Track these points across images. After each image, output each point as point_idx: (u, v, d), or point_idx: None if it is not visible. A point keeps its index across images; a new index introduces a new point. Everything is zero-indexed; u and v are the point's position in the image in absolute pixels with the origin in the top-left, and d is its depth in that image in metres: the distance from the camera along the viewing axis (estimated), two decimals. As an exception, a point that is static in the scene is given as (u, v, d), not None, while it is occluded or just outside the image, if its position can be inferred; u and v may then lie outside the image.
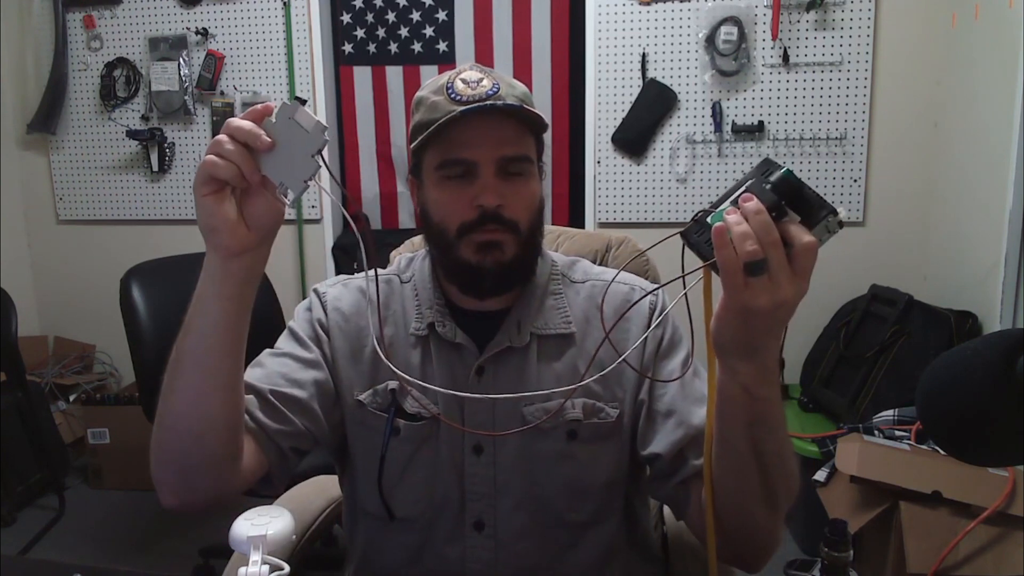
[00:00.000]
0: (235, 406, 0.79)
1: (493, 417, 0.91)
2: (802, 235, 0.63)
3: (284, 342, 0.96)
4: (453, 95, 0.87)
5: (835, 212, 0.65)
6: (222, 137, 0.69)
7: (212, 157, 0.68)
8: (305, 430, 0.89)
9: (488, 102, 0.86)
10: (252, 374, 0.89)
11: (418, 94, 0.94)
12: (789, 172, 0.66)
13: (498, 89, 0.88)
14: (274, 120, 0.69)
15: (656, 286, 0.98)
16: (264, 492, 0.97)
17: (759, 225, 0.63)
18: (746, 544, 0.81)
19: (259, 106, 0.70)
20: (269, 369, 0.91)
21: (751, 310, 0.64)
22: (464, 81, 0.89)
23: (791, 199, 0.66)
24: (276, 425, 0.86)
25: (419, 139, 0.88)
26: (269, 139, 0.69)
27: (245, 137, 0.69)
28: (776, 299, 0.64)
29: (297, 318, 0.98)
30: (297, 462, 0.91)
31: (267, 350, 0.95)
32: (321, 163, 0.70)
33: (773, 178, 0.67)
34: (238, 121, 0.69)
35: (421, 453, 0.92)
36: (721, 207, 0.67)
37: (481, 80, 0.89)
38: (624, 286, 0.98)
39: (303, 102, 0.67)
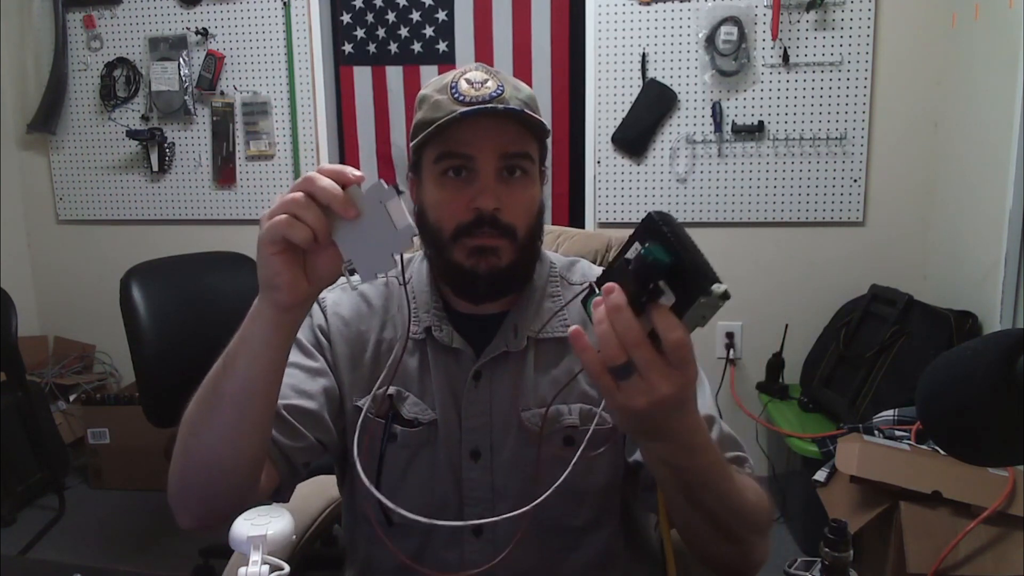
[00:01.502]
0: (265, 441, 0.80)
1: (491, 422, 0.90)
2: (669, 330, 0.57)
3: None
4: (456, 95, 0.86)
5: (708, 292, 0.56)
6: (300, 196, 0.65)
7: (287, 218, 0.64)
8: (316, 443, 0.89)
9: (490, 104, 0.84)
10: None
11: (422, 92, 0.93)
12: (651, 251, 0.59)
13: (502, 91, 0.86)
14: (363, 192, 0.65)
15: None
16: (271, 502, 0.98)
17: (620, 325, 0.58)
18: (724, 567, 0.82)
19: (350, 172, 0.66)
20: None
21: (630, 411, 0.60)
22: (468, 81, 0.88)
23: (663, 278, 0.59)
24: (290, 442, 0.86)
25: (420, 137, 0.88)
26: (356, 212, 0.65)
27: (330, 201, 0.64)
28: (653, 399, 0.59)
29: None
30: (306, 474, 0.91)
31: None
32: (397, 262, 0.66)
33: (641, 255, 0.60)
34: (325, 181, 0.65)
35: (419, 458, 0.91)
36: (607, 279, 0.62)
37: (486, 81, 0.88)
38: None
39: (400, 192, 0.63)
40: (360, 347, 0.94)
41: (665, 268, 0.59)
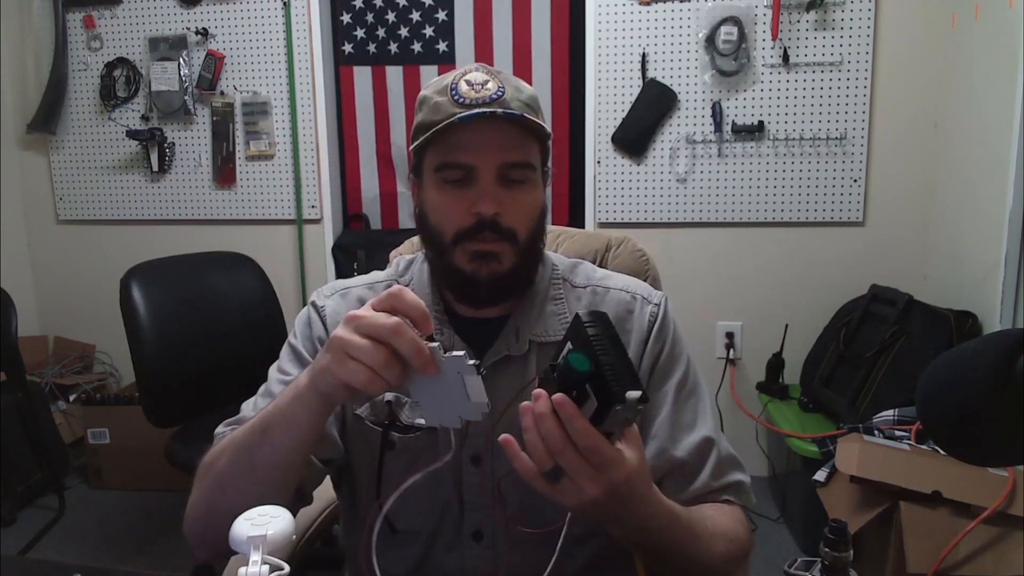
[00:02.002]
0: (291, 498, 0.82)
1: (492, 427, 0.90)
2: (580, 438, 0.61)
3: (290, 364, 0.94)
4: (456, 97, 0.85)
5: (623, 400, 0.58)
6: (385, 356, 0.65)
7: (370, 375, 0.65)
8: (322, 467, 0.90)
9: (489, 108, 0.83)
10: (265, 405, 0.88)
11: (422, 93, 0.92)
12: (572, 359, 0.61)
13: (503, 93, 0.85)
14: (444, 358, 0.65)
15: (660, 294, 0.97)
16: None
17: (546, 433, 0.61)
18: None
19: (433, 345, 0.66)
20: None
21: (570, 508, 0.65)
22: (469, 83, 0.87)
23: (586, 384, 0.61)
24: (304, 472, 0.86)
25: (419, 140, 0.87)
26: (435, 369, 0.66)
27: (412, 358, 0.65)
28: (584, 499, 0.63)
29: (298, 335, 0.96)
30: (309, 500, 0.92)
31: (276, 374, 0.93)
32: (462, 425, 0.69)
33: (561, 363, 0.63)
34: (411, 337, 0.65)
35: (418, 464, 0.89)
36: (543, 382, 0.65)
37: (486, 83, 0.86)
38: (626, 294, 0.95)
39: (480, 371, 0.64)
40: None
41: (585, 376, 0.61)
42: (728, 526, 0.86)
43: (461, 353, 0.65)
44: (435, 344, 0.65)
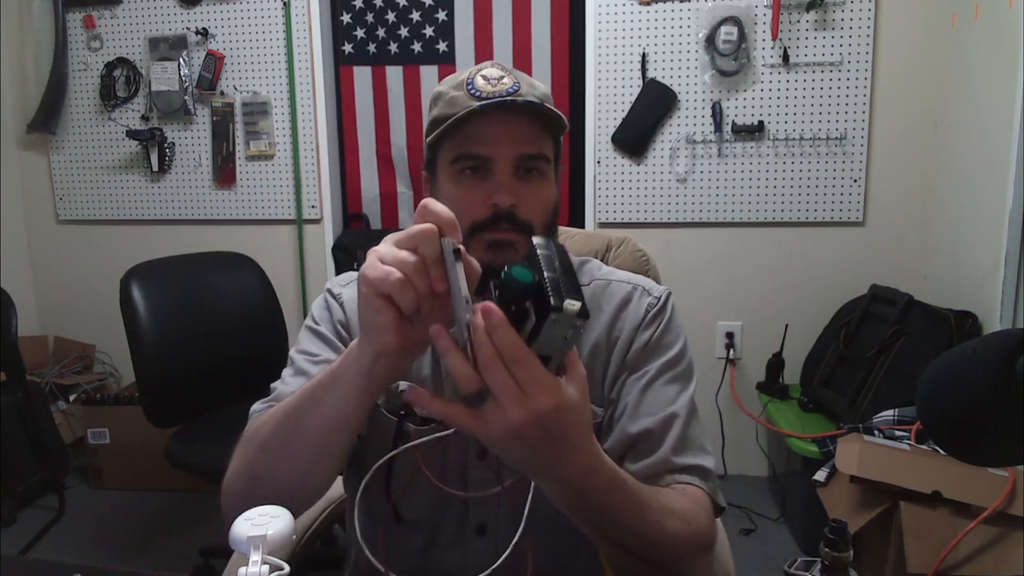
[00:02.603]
0: (338, 471, 0.80)
1: None
2: (512, 348, 0.55)
3: (315, 345, 0.93)
4: (473, 91, 0.87)
5: (559, 309, 0.53)
6: (417, 261, 0.61)
7: (402, 279, 0.60)
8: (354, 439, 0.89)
9: (509, 98, 0.85)
10: (298, 383, 0.86)
11: (437, 88, 0.93)
12: (513, 271, 0.57)
13: (519, 88, 0.88)
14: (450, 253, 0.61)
15: (663, 288, 0.97)
16: None
17: (478, 346, 0.55)
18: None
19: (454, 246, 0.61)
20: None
21: (490, 440, 0.58)
22: (485, 77, 0.88)
23: (527, 300, 0.56)
24: None
25: (435, 133, 0.87)
26: (445, 286, 0.61)
27: (436, 271, 0.61)
28: (507, 426, 0.56)
29: (318, 319, 0.96)
30: None
31: (300, 356, 0.92)
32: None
33: (503, 276, 0.58)
34: (436, 240, 0.61)
35: (429, 456, 0.90)
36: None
37: (502, 78, 0.89)
38: (627, 285, 0.96)
39: (457, 257, 0.61)
40: None
41: (526, 289, 0.57)
42: (685, 506, 0.80)
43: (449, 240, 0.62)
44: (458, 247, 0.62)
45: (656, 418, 0.86)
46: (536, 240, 0.61)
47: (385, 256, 0.61)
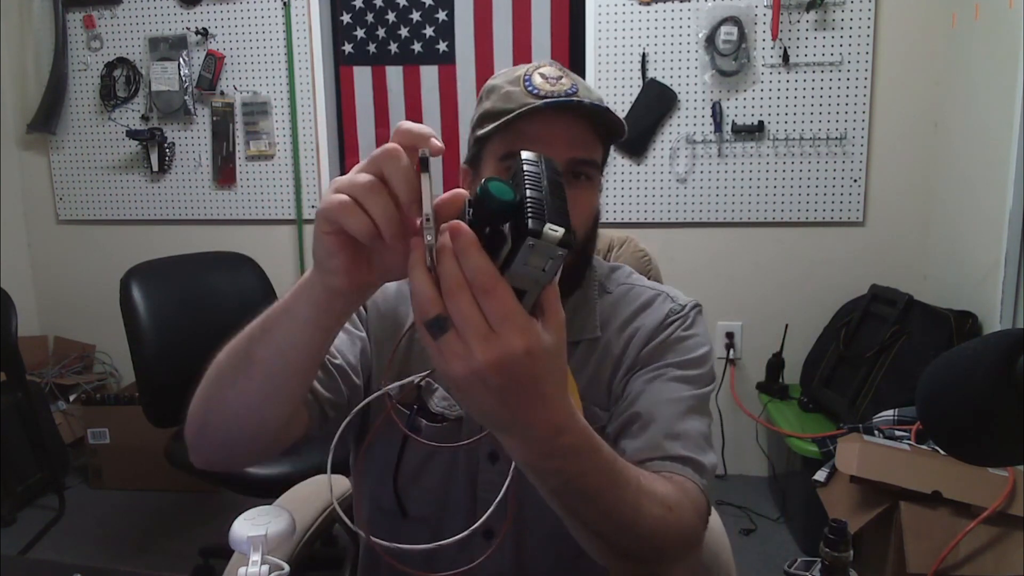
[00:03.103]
0: (294, 411, 0.74)
1: None
2: (481, 274, 0.47)
3: None
4: (531, 88, 0.85)
5: (538, 234, 0.46)
6: (367, 181, 0.52)
7: (347, 203, 0.52)
8: (347, 401, 0.86)
9: (574, 98, 0.83)
10: None
11: (490, 82, 0.92)
12: (490, 186, 0.48)
13: (576, 90, 0.86)
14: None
15: (692, 299, 0.94)
16: (292, 451, 0.93)
17: (440, 267, 0.48)
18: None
19: (432, 139, 0.54)
20: None
21: (450, 379, 0.50)
22: (543, 75, 0.86)
23: (505, 222, 0.49)
24: (328, 394, 0.84)
25: (488, 127, 0.85)
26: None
27: (400, 192, 0.52)
28: (469, 367, 0.48)
29: None
30: (327, 427, 0.86)
31: None
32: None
33: (478, 191, 0.49)
34: (403, 163, 0.52)
35: (439, 455, 0.90)
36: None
37: (560, 78, 0.87)
38: (651, 291, 0.94)
39: (426, 166, 0.54)
40: (395, 332, 0.92)
41: (504, 208, 0.48)
42: (669, 491, 0.72)
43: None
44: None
45: (655, 402, 0.83)
46: (525, 154, 0.53)
47: (341, 184, 0.54)
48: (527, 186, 0.49)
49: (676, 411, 0.82)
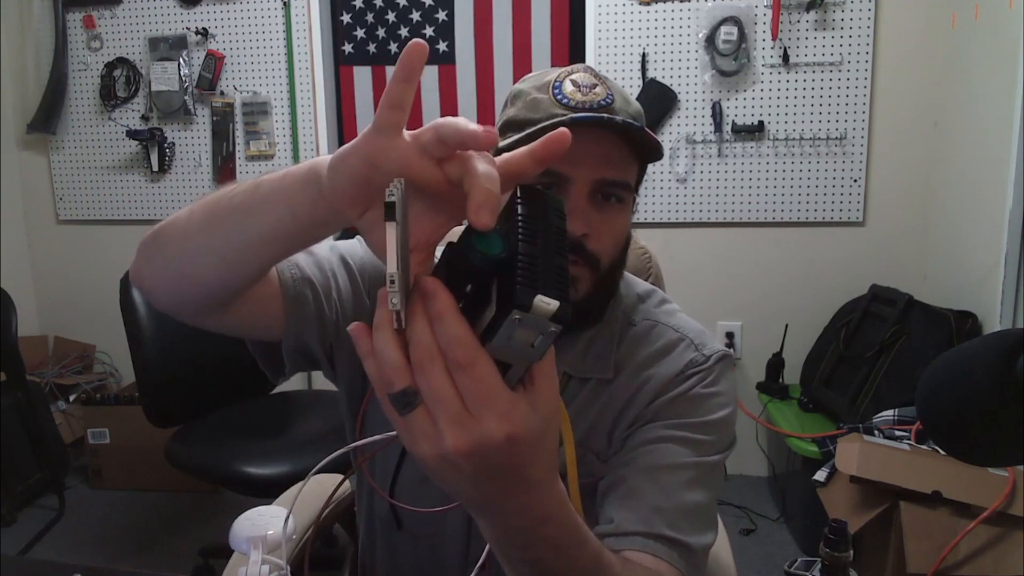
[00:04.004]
0: (241, 283, 0.66)
1: None
2: (458, 345, 0.39)
3: (336, 258, 0.83)
4: (560, 96, 0.77)
5: (526, 306, 0.37)
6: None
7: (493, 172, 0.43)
8: (329, 315, 0.78)
9: (605, 115, 0.74)
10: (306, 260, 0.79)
11: (517, 86, 0.85)
12: (475, 239, 0.40)
13: (612, 100, 0.77)
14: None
15: (720, 348, 0.83)
16: (270, 380, 0.85)
17: (409, 332, 0.41)
18: None
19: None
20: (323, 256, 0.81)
21: (418, 459, 0.43)
22: (575, 83, 0.78)
23: (492, 276, 0.40)
24: (316, 280, 0.76)
25: (509, 139, 0.78)
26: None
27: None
28: (440, 450, 0.41)
29: (355, 254, 0.85)
30: (300, 358, 0.80)
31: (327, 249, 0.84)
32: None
33: (455, 244, 0.42)
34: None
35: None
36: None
37: (594, 86, 0.78)
38: (675, 333, 0.84)
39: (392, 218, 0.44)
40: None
41: (490, 264, 0.40)
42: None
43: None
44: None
45: (652, 466, 0.74)
46: (521, 188, 0.44)
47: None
48: (520, 237, 0.40)
49: (674, 481, 0.74)
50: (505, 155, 0.46)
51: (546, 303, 0.38)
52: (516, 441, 0.41)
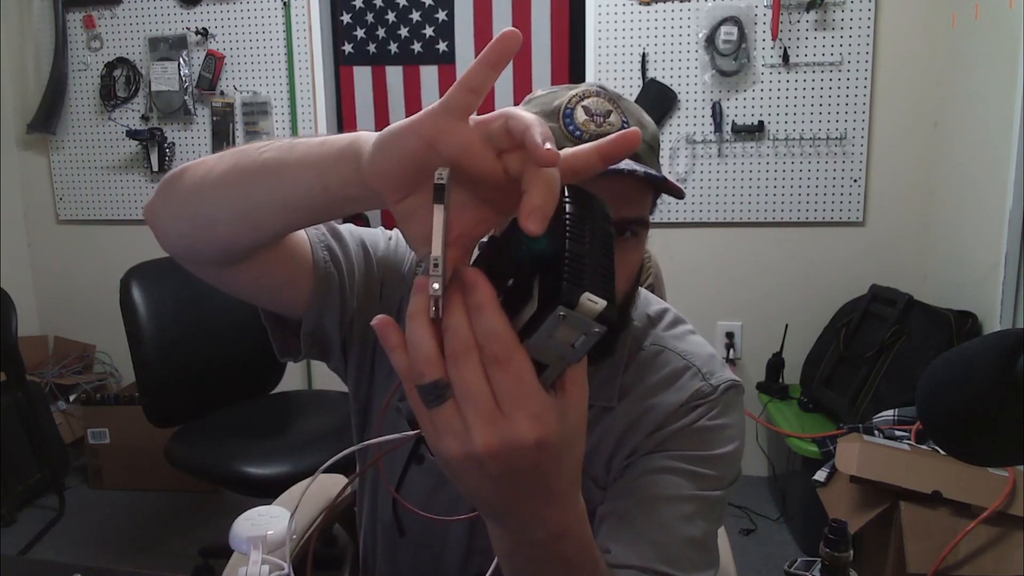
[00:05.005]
0: (262, 245, 0.65)
1: None
2: (495, 339, 0.38)
3: (374, 238, 0.82)
4: (571, 127, 0.70)
5: (572, 303, 0.37)
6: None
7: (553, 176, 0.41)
8: (351, 295, 0.77)
9: (625, 167, 0.68)
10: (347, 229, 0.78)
11: (522, 108, 0.80)
12: (515, 228, 0.40)
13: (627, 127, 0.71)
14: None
15: (729, 377, 0.81)
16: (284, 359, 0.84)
17: (446, 322, 0.39)
18: None
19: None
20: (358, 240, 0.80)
21: (441, 457, 0.42)
22: (587, 111, 0.71)
23: (536, 272, 0.40)
24: (343, 258, 0.76)
25: None
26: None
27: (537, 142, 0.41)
28: (468, 449, 0.40)
29: (393, 239, 0.85)
30: (314, 343, 0.79)
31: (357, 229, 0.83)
32: None
33: (498, 236, 0.43)
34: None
35: (442, 491, 0.81)
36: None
37: (609, 114, 0.71)
38: (681, 360, 0.81)
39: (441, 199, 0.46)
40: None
41: (535, 260, 0.39)
42: None
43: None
44: None
45: (651, 497, 0.72)
46: (570, 188, 0.43)
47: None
48: (568, 235, 0.39)
49: (673, 514, 0.71)
50: (569, 149, 0.44)
51: (593, 302, 0.37)
52: (545, 446, 0.40)
